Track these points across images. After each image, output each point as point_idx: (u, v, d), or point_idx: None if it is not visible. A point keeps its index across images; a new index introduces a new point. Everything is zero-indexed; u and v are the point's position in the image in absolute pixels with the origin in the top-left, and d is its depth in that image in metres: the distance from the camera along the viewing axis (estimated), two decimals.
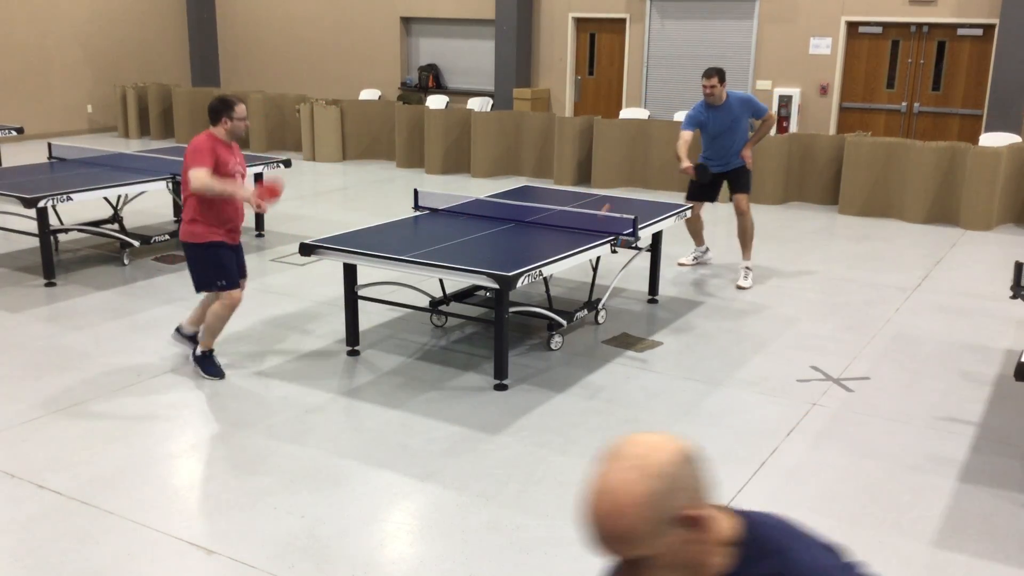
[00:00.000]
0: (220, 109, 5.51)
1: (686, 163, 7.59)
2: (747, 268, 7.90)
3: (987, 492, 4.51)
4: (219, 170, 5.46)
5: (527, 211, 7.04)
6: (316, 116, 13.84)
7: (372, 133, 14.17)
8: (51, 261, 7.64)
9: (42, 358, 6.05)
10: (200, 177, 5.34)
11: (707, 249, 8.48)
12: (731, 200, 7.98)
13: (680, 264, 8.31)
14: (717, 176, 7.99)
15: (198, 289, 5.70)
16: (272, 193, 5.58)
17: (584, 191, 9.63)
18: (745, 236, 7.93)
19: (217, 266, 5.59)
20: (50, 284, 7.60)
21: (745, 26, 13.84)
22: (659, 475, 1.52)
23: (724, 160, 7.93)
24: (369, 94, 16.48)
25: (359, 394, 5.57)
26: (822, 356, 6.27)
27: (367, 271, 6.35)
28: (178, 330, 5.97)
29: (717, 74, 7.59)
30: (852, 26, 13.26)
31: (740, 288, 7.79)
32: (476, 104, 14.79)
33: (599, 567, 3.86)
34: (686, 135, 7.68)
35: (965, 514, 4.31)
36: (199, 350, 5.77)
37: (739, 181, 7.94)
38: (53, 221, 8.33)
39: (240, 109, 5.52)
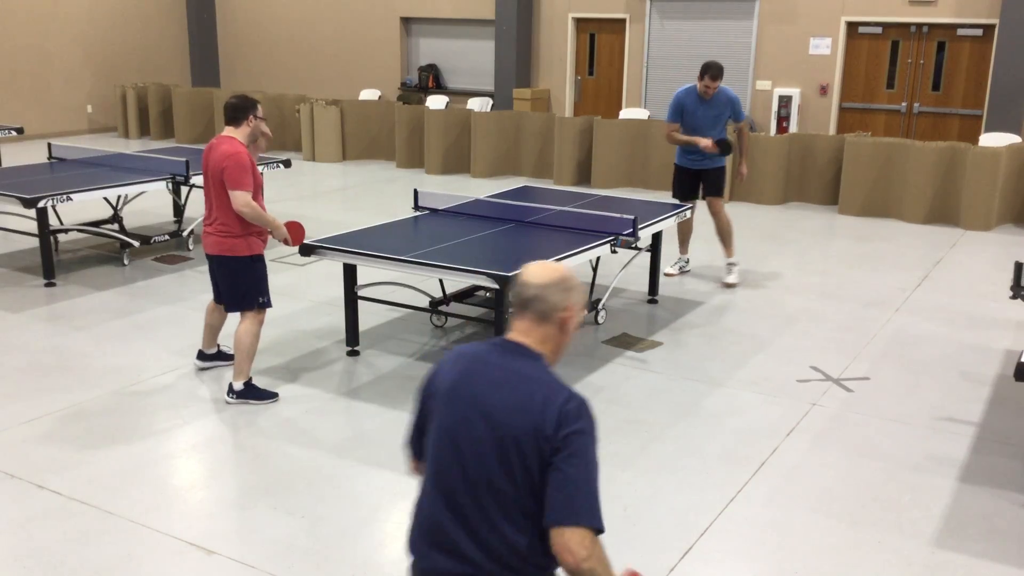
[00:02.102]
0: (246, 106, 5.20)
1: (706, 141, 7.62)
2: (730, 264, 7.95)
3: (987, 492, 4.51)
4: (255, 181, 5.26)
5: (527, 211, 7.04)
6: (316, 116, 13.84)
7: (372, 133, 14.18)
8: (51, 261, 7.63)
9: (42, 358, 6.05)
10: (248, 203, 5.12)
11: (688, 260, 8.41)
12: (704, 200, 8.04)
13: (667, 274, 8.10)
14: (695, 173, 7.96)
15: (237, 309, 5.38)
16: (299, 236, 5.46)
17: (584, 191, 9.63)
18: (723, 234, 7.98)
19: (260, 280, 5.38)
20: (50, 284, 7.60)
21: (745, 26, 13.85)
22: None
23: (705, 157, 7.86)
24: (369, 94, 16.48)
25: (359, 394, 5.57)
26: (822, 356, 6.27)
27: (367, 271, 6.35)
28: (200, 356, 5.85)
29: (720, 76, 7.55)
30: (852, 26, 13.26)
31: (727, 285, 7.83)
32: (476, 104, 14.79)
33: None
34: (673, 126, 7.80)
35: (965, 514, 4.31)
36: (238, 385, 5.36)
37: (714, 184, 7.96)
38: (53, 221, 8.32)
39: (261, 108, 5.30)
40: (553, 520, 2.14)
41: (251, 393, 5.41)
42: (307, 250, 5.87)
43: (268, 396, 5.44)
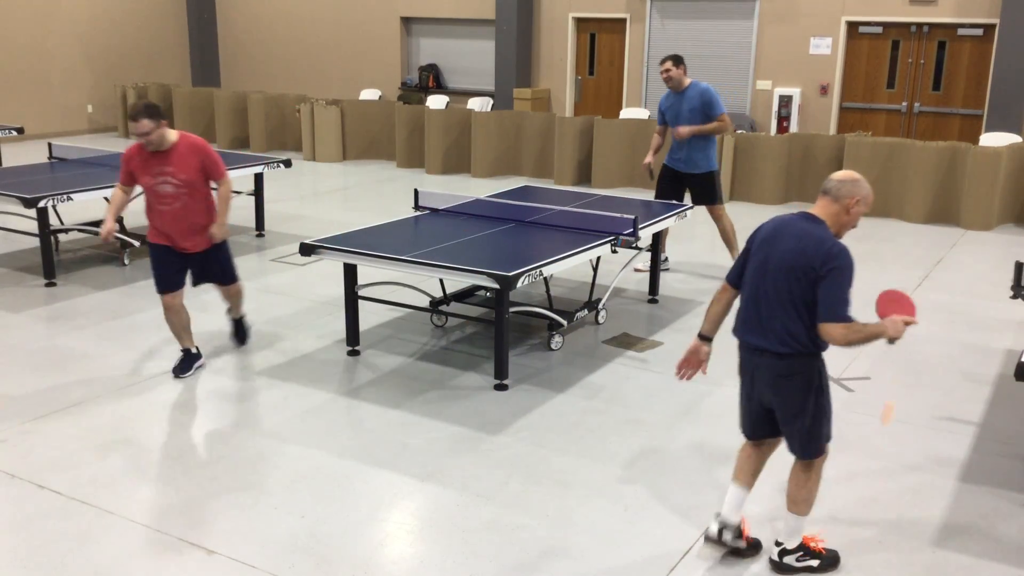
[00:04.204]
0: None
1: (649, 158, 8.13)
2: None
3: (987, 492, 4.51)
4: (137, 181, 5.63)
5: (527, 211, 7.04)
6: (316, 116, 13.85)
7: (372, 133, 14.18)
8: (51, 261, 7.63)
9: (42, 358, 6.05)
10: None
11: (666, 258, 8.38)
12: (703, 207, 8.16)
13: (636, 270, 8.12)
14: (680, 176, 7.96)
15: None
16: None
17: (584, 191, 9.63)
18: (727, 237, 8.08)
19: (153, 266, 5.71)
20: (50, 284, 7.60)
21: (745, 26, 13.85)
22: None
23: (685, 156, 7.86)
24: (369, 94, 16.49)
25: (359, 394, 5.57)
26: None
27: (367, 271, 6.35)
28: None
29: (671, 59, 7.72)
30: (852, 26, 13.27)
31: None
32: (476, 104, 14.79)
33: (598, 567, 3.86)
34: (658, 129, 8.13)
35: (965, 514, 4.31)
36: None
37: (703, 193, 7.93)
38: (53, 221, 8.33)
39: (135, 125, 5.34)
40: (821, 319, 3.49)
41: (180, 362, 5.84)
42: (307, 250, 5.87)
43: (180, 372, 5.79)
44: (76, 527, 4.11)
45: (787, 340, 3.57)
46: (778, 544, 3.84)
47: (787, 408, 3.65)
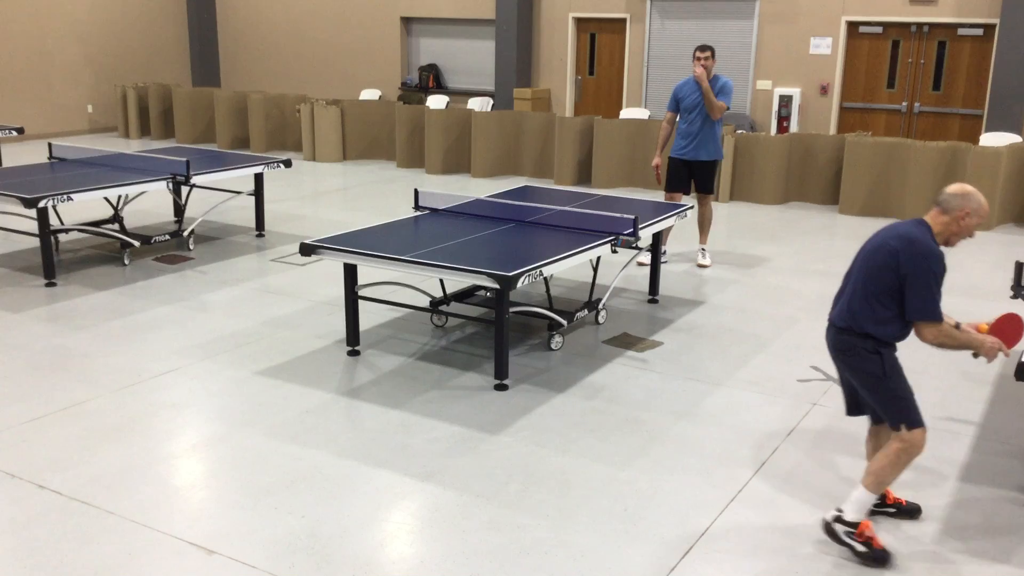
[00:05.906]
0: None
1: (657, 159, 8.28)
2: (703, 249, 8.47)
3: (987, 492, 4.51)
4: None
5: (527, 211, 7.04)
6: (316, 116, 13.85)
7: (372, 133, 14.18)
8: (51, 261, 7.63)
9: (42, 358, 6.05)
10: None
11: (664, 251, 8.51)
12: (695, 193, 8.38)
13: (639, 263, 8.28)
14: (689, 164, 8.21)
15: None
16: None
17: (584, 191, 9.63)
18: (703, 224, 8.42)
19: None
20: (50, 284, 7.60)
21: (745, 26, 13.85)
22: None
23: (694, 144, 8.12)
24: (369, 94, 16.49)
25: (359, 394, 5.57)
26: (822, 356, 6.27)
27: (367, 271, 6.36)
28: None
29: (711, 49, 7.97)
30: (852, 26, 13.27)
31: (702, 267, 8.35)
32: (476, 104, 14.79)
33: (598, 567, 3.86)
34: (668, 116, 8.25)
35: (965, 514, 4.31)
36: None
37: (705, 180, 8.26)
38: (53, 221, 8.33)
39: None
40: (910, 316, 3.83)
41: None
42: (307, 250, 5.87)
43: None
44: (76, 527, 4.11)
45: (845, 315, 3.89)
46: (839, 510, 3.97)
47: (859, 383, 3.97)
